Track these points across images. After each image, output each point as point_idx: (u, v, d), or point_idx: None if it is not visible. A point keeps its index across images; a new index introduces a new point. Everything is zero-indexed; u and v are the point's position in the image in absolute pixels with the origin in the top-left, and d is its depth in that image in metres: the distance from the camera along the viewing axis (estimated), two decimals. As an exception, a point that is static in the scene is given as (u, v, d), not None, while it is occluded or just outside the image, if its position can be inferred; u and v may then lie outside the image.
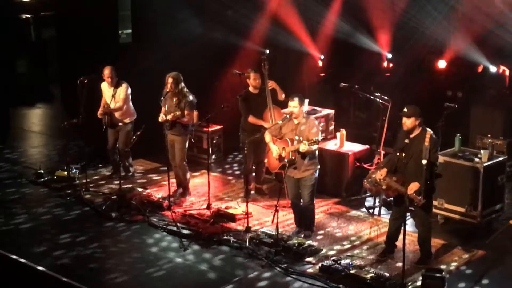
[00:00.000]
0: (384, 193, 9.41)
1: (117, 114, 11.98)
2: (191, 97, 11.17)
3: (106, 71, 11.90)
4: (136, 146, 11.91)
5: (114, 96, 11.92)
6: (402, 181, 8.97)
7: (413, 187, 8.84)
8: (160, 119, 10.99)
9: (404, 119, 9.07)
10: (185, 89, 11.11)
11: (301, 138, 9.64)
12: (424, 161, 8.73)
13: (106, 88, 12.06)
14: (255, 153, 11.36)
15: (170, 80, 10.98)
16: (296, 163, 9.77)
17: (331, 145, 11.73)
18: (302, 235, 10.04)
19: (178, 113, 10.91)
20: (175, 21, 13.57)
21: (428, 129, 9.08)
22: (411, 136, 9.09)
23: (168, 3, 13.60)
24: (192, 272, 9.22)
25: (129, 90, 12.00)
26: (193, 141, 11.54)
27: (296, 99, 9.74)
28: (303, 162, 9.75)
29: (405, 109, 9.08)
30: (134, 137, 11.55)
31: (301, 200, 10.01)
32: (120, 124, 12.03)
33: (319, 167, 9.96)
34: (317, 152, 9.89)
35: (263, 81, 11.17)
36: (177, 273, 9.20)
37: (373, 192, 9.75)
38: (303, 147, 9.53)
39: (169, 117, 10.89)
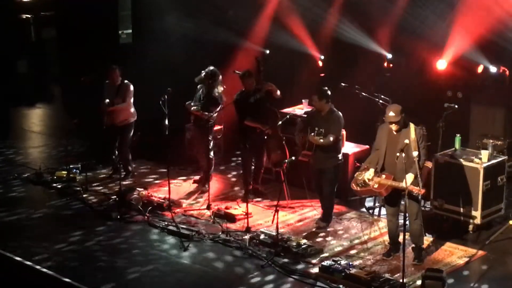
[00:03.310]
0: (376, 193, 9.39)
1: (119, 115, 11.96)
2: (216, 93, 11.29)
3: (114, 71, 11.88)
4: (136, 147, 11.92)
5: (118, 93, 11.90)
6: (392, 178, 8.99)
7: (409, 179, 8.88)
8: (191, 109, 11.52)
9: (394, 125, 9.07)
10: (215, 85, 11.46)
11: (321, 130, 9.90)
12: (415, 153, 8.83)
13: (109, 86, 12.03)
14: (254, 154, 11.35)
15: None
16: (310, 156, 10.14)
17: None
18: (317, 226, 10.34)
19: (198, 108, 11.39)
20: (175, 21, 13.56)
21: (410, 122, 9.11)
22: (396, 132, 9.10)
23: (168, 3, 13.60)
24: (191, 272, 9.22)
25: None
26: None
27: (316, 96, 10.15)
28: (322, 153, 10.04)
29: (391, 113, 9.03)
30: (134, 138, 11.54)
31: (322, 191, 10.32)
32: (121, 124, 12.02)
33: (340, 162, 10.24)
34: (341, 147, 10.33)
35: (258, 82, 11.16)
36: (176, 273, 9.20)
37: (363, 194, 9.77)
38: (311, 137, 9.93)
39: (193, 109, 11.40)
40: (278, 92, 11.21)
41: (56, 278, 8.87)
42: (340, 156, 10.29)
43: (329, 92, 10.17)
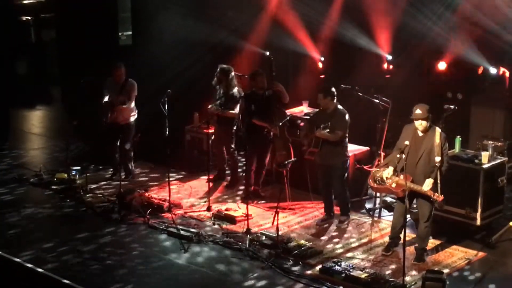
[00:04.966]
0: (392, 192, 9.36)
1: (123, 113, 11.92)
2: (233, 90, 11.31)
3: (120, 69, 11.85)
4: (136, 148, 11.90)
5: (122, 91, 11.86)
6: (411, 179, 8.98)
7: (429, 183, 8.88)
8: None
9: (420, 122, 9.04)
10: (231, 83, 11.53)
11: (328, 123, 10.04)
12: (438, 158, 8.82)
13: (112, 84, 11.98)
14: (258, 154, 11.32)
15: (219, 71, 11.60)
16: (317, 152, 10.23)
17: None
18: (339, 221, 10.42)
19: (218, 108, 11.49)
20: (175, 23, 13.56)
21: (436, 127, 9.10)
22: (421, 134, 9.08)
23: (168, 5, 13.60)
24: (192, 274, 9.21)
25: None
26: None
27: (321, 94, 10.22)
28: (329, 149, 10.11)
29: (418, 111, 9.01)
30: (134, 139, 11.51)
31: (333, 189, 10.39)
32: (124, 123, 11.98)
33: (347, 159, 10.34)
34: (347, 144, 10.35)
35: (269, 82, 11.14)
36: (177, 275, 9.20)
37: (379, 191, 9.76)
38: (318, 132, 10.03)
39: (210, 107, 11.55)
40: (288, 99, 11.15)
41: (55, 280, 8.87)
42: (347, 153, 10.35)
43: (334, 90, 10.23)
